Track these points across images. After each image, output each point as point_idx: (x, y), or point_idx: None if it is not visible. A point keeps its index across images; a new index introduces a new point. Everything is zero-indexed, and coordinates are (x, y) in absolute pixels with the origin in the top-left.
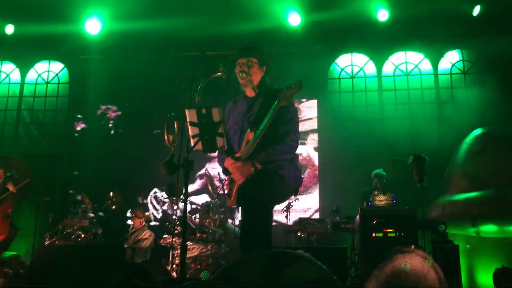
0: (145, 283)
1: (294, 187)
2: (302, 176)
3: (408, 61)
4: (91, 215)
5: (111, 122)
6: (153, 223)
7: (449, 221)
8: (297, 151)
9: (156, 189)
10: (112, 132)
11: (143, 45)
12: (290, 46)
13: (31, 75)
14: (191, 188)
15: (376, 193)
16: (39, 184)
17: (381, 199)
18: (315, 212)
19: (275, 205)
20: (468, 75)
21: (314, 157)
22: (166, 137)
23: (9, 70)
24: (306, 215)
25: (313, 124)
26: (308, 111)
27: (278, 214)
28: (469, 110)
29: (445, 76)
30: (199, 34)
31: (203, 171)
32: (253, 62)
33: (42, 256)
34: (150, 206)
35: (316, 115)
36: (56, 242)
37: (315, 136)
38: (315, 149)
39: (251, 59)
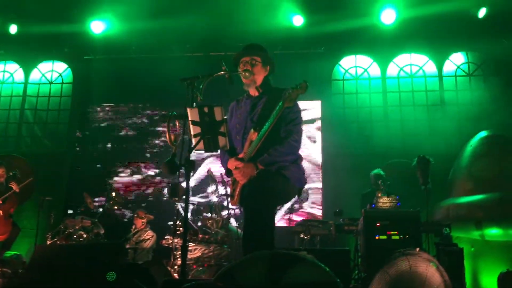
0: (145, 284)
1: (298, 188)
2: (306, 177)
3: (412, 63)
4: (94, 215)
5: (114, 122)
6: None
7: (453, 223)
8: (300, 152)
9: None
10: (114, 132)
11: (146, 46)
12: (294, 47)
13: (35, 75)
14: (194, 189)
15: (379, 195)
16: (42, 184)
17: (385, 201)
18: (319, 214)
19: (278, 206)
20: (473, 77)
21: (318, 158)
22: (168, 136)
23: (13, 70)
24: (309, 216)
25: (317, 126)
26: (312, 113)
27: (282, 216)
28: (474, 113)
29: (450, 78)
30: (202, 35)
31: (206, 171)
32: (256, 61)
33: (41, 255)
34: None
35: (320, 117)
36: (58, 242)
37: (318, 138)
38: (319, 150)
39: (255, 57)
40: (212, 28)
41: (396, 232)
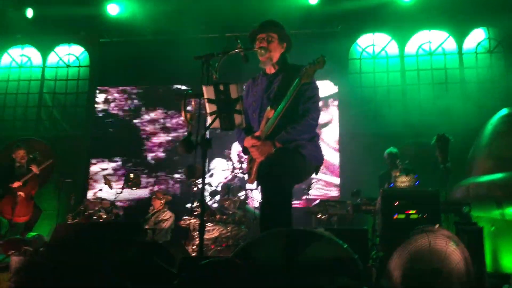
0: (164, 262)
1: (315, 166)
2: (323, 155)
3: (431, 40)
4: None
5: (131, 104)
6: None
7: (473, 203)
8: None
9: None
10: (132, 114)
11: (161, 28)
12: (310, 27)
13: (52, 58)
14: (211, 169)
15: (398, 174)
16: (61, 166)
17: (403, 180)
18: (336, 194)
19: (295, 184)
20: (494, 53)
21: (335, 138)
22: (183, 115)
23: (31, 54)
24: (326, 196)
25: (334, 106)
26: (329, 93)
27: (299, 196)
28: (495, 90)
29: (470, 55)
30: (217, 16)
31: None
32: (273, 37)
33: (61, 233)
34: (171, 187)
35: (337, 97)
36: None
37: (335, 118)
38: (336, 130)
39: (271, 34)
40: (228, 9)
41: (414, 211)
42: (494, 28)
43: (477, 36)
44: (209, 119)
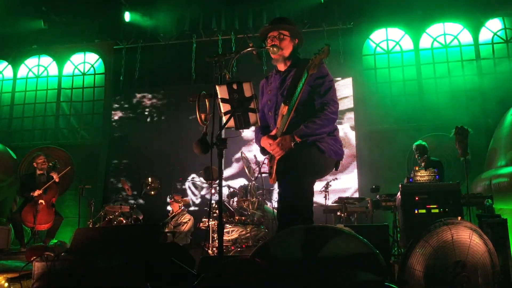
0: (183, 263)
1: (335, 161)
2: (343, 149)
3: (446, 32)
4: (132, 201)
5: (147, 109)
6: (192, 208)
7: (495, 195)
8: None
9: (193, 175)
10: (148, 119)
11: (173, 32)
12: (323, 24)
13: (68, 68)
14: (229, 172)
15: (417, 168)
16: (81, 173)
17: (422, 175)
18: (354, 191)
19: (315, 179)
20: (511, 43)
21: (351, 136)
22: (198, 116)
23: (47, 64)
24: (345, 194)
25: (349, 103)
26: (344, 90)
27: (317, 194)
28: None
29: (487, 46)
30: (229, 17)
31: (239, 154)
32: (284, 35)
33: (81, 238)
34: (188, 191)
35: (352, 93)
36: None
37: (351, 115)
38: (352, 127)
39: (282, 32)
40: (239, 10)
41: (435, 206)
42: (510, 18)
43: (493, 26)
44: (224, 119)
